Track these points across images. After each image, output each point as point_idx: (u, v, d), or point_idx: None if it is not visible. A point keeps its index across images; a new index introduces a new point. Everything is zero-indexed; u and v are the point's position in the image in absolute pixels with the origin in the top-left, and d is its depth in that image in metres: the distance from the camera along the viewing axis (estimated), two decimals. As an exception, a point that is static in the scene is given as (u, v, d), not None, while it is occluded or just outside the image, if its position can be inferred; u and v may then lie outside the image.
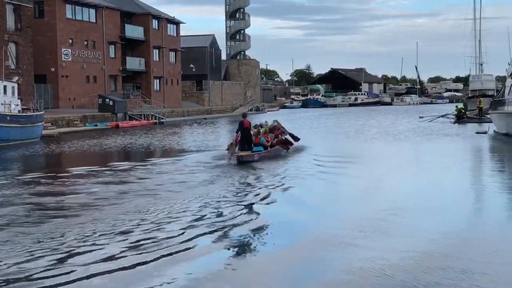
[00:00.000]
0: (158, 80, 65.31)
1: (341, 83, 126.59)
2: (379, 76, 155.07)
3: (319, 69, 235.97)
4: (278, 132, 22.56)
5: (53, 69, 49.80)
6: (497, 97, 36.09)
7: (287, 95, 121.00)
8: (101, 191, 13.80)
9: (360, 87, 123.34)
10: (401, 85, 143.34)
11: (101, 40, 55.63)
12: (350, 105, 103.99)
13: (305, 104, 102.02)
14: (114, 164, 20.17)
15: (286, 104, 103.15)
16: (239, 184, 14.78)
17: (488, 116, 38.60)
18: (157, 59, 65.06)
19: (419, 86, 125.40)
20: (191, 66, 75.64)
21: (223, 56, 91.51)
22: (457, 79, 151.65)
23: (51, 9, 49.95)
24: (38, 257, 8.18)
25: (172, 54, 68.92)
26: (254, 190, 13.87)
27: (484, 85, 63.68)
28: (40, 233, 9.51)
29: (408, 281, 7.05)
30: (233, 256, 8.39)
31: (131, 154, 25.07)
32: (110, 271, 7.60)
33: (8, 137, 29.06)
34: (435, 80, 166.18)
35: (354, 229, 9.73)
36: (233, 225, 10.11)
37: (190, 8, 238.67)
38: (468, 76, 73.93)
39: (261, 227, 10.10)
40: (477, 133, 32.99)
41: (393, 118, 53.88)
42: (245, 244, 8.99)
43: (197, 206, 11.71)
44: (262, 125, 22.51)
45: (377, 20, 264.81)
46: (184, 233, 9.44)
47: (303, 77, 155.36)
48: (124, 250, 8.52)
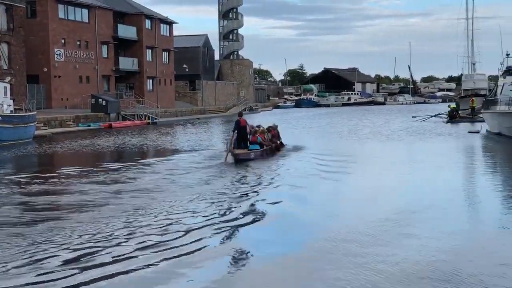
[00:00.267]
0: (151, 80, 65.16)
1: (334, 83, 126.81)
2: (372, 75, 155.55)
3: (312, 69, 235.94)
4: (274, 132, 23.14)
5: (45, 69, 49.60)
6: (489, 97, 36.24)
7: (280, 95, 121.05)
8: (93, 192, 13.73)
9: (353, 86, 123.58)
10: (394, 84, 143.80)
11: (94, 40, 55.45)
12: (343, 104, 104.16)
13: (298, 104, 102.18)
14: (106, 164, 20.10)
15: (279, 104, 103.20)
16: (234, 184, 14.76)
17: (481, 115, 38.74)
18: (150, 59, 64.91)
19: (412, 86, 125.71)
20: (184, 66, 75.50)
21: (216, 56, 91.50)
22: (450, 79, 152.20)
23: (44, 9, 49.73)
24: (31, 257, 8.15)
25: (165, 54, 68.78)
26: (251, 189, 13.89)
27: (476, 84, 63.79)
28: (34, 234, 9.46)
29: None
30: (233, 261, 8.15)
31: (124, 155, 24.99)
32: (107, 274, 7.57)
33: (0, 137, 28.96)
34: (428, 79, 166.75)
35: (358, 232, 9.67)
36: (234, 226, 10.07)
37: (184, 8, 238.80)
38: (461, 75, 74.07)
39: (261, 227, 10.09)
40: (469, 132, 33.08)
41: (386, 118, 53.94)
42: (245, 250, 8.64)
43: (194, 207, 11.65)
44: (259, 126, 22.85)
45: (370, 20, 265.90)
46: (184, 236, 9.31)
47: (296, 77, 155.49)
48: (116, 255, 8.36)
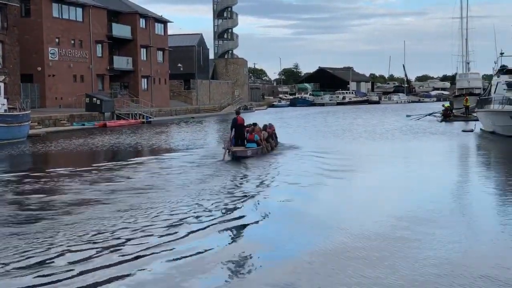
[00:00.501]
0: (145, 79, 65.07)
1: (329, 82, 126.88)
2: (367, 74, 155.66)
3: (307, 68, 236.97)
4: (269, 131, 23.32)
5: (39, 68, 49.44)
6: (483, 96, 36.33)
7: (275, 94, 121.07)
8: (88, 191, 13.73)
9: (348, 85, 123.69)
10: (388, 83, 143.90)
11: (88, 39, 55.31)
12: (338, 103, 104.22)
13: (293, 103, 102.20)
14: (101, 163, 20.09)
15: (274, 103, 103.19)
16: (230, 183, 14.77)
17: (475, 114, 38.85)
18: (145, 58, 64.83)
19: (406, 85, 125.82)
20: (179, 65, 75.45)
21: (211, 55, 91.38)
22: (444, 78, 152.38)
23: (38, 8, 49.56)
24: (28, 257, 8.13)
25: (159, 53, 68.69)
26: (248, 189, 13.88)
27: (470, 83, 63.92)
28: (29, 233, 9.45)
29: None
30: (233, 262, 8.00)
31: (119, 153, 24.95)
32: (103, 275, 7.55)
33: (-6, 136, 28.89)
34: (423, 78, 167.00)
35: (355, 237, 9.65)
36: (234, 226, 10.05)
37: (178, 7, 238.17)
38: (455, 74, 74.23)
39: (261, 227, 10.11)
40: (463, 131, 33.19)
41: (380, 117, 54.05)
42: (245, 250, 8.48)
43: (191, 206, 11.60)
44: (255, 124, 22.93)
45: (364, 19, 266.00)
46: (185, 236, 9.26)
47: (291, 76, 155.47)
48: (114, 256, 8.35)
